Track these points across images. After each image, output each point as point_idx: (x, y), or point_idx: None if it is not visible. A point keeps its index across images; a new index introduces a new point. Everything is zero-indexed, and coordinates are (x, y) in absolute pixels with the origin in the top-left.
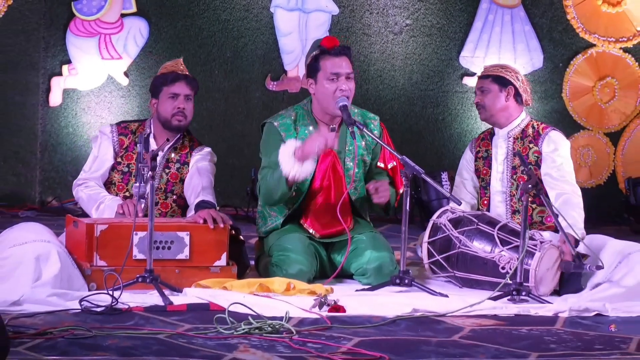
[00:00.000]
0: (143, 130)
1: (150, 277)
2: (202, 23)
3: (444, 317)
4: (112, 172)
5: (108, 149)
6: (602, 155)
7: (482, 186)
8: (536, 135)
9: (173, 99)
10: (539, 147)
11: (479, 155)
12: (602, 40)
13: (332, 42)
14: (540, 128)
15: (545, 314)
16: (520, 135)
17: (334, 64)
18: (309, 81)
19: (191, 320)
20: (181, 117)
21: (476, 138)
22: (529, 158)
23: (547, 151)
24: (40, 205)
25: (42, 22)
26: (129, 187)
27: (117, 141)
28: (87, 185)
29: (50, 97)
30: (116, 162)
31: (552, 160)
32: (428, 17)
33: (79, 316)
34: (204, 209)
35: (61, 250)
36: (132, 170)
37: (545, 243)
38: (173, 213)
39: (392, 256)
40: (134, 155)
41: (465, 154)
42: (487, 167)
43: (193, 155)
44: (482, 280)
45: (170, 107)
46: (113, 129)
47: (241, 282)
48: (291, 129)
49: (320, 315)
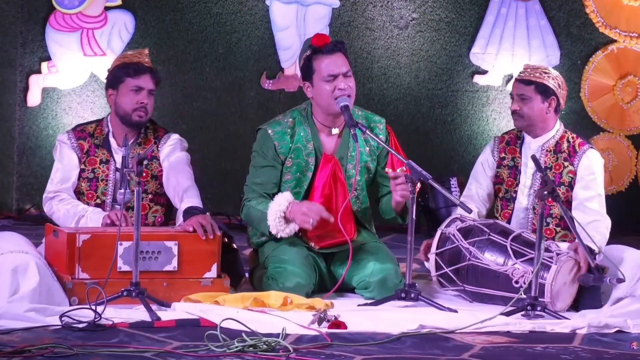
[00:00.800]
0: (101, 130)
1: (137, 290)
2: (192, 17)
3: (453, 333)
4: (79, 181)
5: (71, 157)
6: (623, 159)
7: (505, 198)
8: (572, 151)
9: (135, 92)
10: (575, 167)
11: (504, 163)
12: (623, 36)
13: (322, 39)
14: (577, 144)
15: (562, 330)
16: (554, 148)
17: (328, 64)
18: (305, 84)
19: (180, 338)
20: (143, 112)
21: (499, 139)
22: (562, 177)
23: (583, 174)
24: (17, 214)
25: (20, 15)
26: (99, 193)
27: (77, 147)
28: (61, 198)
29: (28, 96)
30: (80, 169)
31: (587, 186)
32: (436, 10)
33: (60, 333)
34: (192, 216)
35: (40, 262)
36: (98, 175)
37: (561, 255)
38: (155, 213)
39: (397, 268)
40: (97, 159)
41: (484, 156)
42: (513, 178)
43: (161, 148)
44: (494, 295)
45: (132, 102)
46: (70, 135)
47: (234, 296)
48: (286, 138)
49: (320, 332)
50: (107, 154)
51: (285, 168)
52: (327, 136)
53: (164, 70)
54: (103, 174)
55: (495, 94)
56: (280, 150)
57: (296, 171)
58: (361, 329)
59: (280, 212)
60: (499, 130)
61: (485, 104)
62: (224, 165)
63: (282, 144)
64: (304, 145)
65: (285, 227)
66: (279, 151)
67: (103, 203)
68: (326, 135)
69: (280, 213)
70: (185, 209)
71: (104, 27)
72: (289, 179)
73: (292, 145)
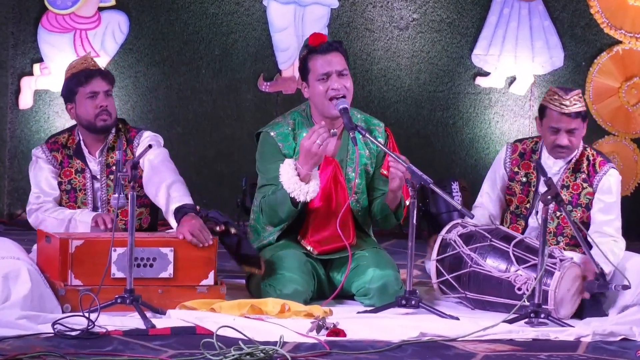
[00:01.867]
0: (74, 139)
1: (131, 297)
2: (187, 17)
3: (454, 341)
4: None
5: (47, 169)
6: (628, 163)
7: (515, 213)
8: (592, 172)
9: (92, 98)
10: (594, 188)
11: (516, 178)
12: (629, 37)
13: (318, 39)
14: (597, 163)
15: (567, 338)
16: (573, 166)
17: (322, 63)
18: (303, 85)
19: (175, 346)
20: (106, 115)
21: (511, 148)
22: (579, 199)
23: (602, 196)
24: (8, 219)
25: (11, 16)
26: (79, 203)
27: (52, 158)
28: (46, 208)
29: (20, 99)
30: (58, 182)
31: (604, 209)
32: (437, 10)
33: (52, 341)
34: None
35: (32, 268)
36: (76, 186)
37: (565, 261)
38: (139, 216)
39: (397, 275)
40: (72, 169)
41: (496, 164)
42: (525, 195)
43: (135, 150)
44: (497, 302)
45: (91, 108)
46: (44, 148)
47: (231, 303)
48: (289, 139)
49: (318, 340)
50: (81, 163)
51: None
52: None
53: (159, 72)
54: (80, 183)
55: (498, 97)
56: (284, 152)
57: None
58: (361, 336)
59: (294, 176)
60: (502, 134)
61: (488, 107)
62: (220, 169)
63: (285, 145)
64: None
65: (306, 187)
66: (283, 152)
67: None
68: None
69: (294, 178)
70: (175, 209)
71: (97, 28)
72: None
73: (296, 148)
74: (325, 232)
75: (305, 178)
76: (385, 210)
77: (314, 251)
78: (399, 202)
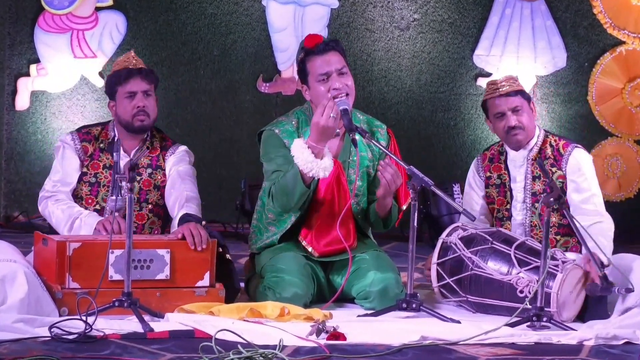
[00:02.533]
0: (107, 134)
1: (129, 300)
2: (186, 17)
3: (456, 345)
4: (79, 184)
5: (73, 159)
6: (632, 165)
7: (498, 217)
8: (557, 155)
9: (130, 98)
10: (563, 170)
11: (490, 182)
12: (632, 37)
13: (314, 40)
14: (560, 146)
15: (569, 342)
16: (538, 155)
17: (321, 63)
18: (303, 87)
19: (174, 349)
20: (143, 116)
21: (481, 157)
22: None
23: (572, 176)
24: (5, 221)
25: (7, 16)
26: (99, 199)
27: (81, 149)
28: (57, 198)
29: (16, 100)
30: (82, 173)
31: (578, 187)
32: (438, 10)
33: (49, 344)
34: (185, 224)
35: (29, 271)
36: (101, 180)
37: (567, 263)
38: (152, 225)
39: (398, 278)
40: (100, 163)
41: (470, 176)
42: (502, 196)
43: (167, 158)
44: (498, 305)
45: (130, 108)
46: (74, 137)
47: (230, 306)
48: (295, 136)
49: (318, 344)
50: (110, 160)
51: None
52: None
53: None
54: (105, 179)
55: None
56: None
57: None
58: (361, 340)
59: (308, 154)
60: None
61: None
62: (219, 172)
63: (291, 142)
64: None
65: (323, 163)
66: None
67: (102, 210)
68: None
69: (309, 157)
70: (180, 216)
71: (94, 28)
72: None
73: None
74: (327, 233)
75: (319, 155)
76: (374, 215)
77: (314, 253)
78: (389, 210)
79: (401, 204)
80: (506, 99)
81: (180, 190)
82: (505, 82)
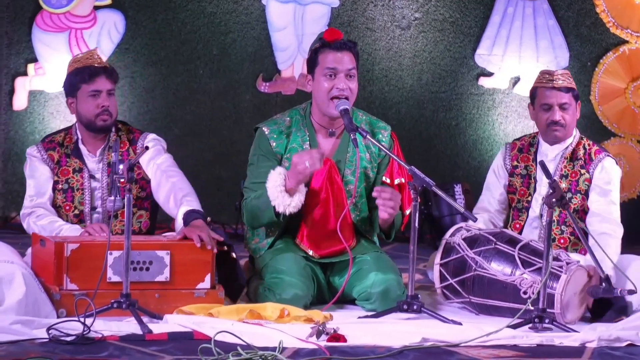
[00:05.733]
0: (71, 138)
1: (127, 302)
2: (185, 16)
3: (457, 347)
4: (54, 193)
5: (43, 169)
6: (635, 165)
7: (517, 208)
8: (588, 159)
9: (94, 97)
10: (591, 174)
11: (516, 172)
12: (635, 36)
13: (334, 34)
14: (593, 151)
15: (571, 344)
16: (570, 155)
17: (332, 59)
18: (308, 77)
19: (173, 351)
20: (106, 116)
21: (510, 146)
22: (578, 185)
23: (599, 183)
24: (2, 222)
25: (5, 15)
26: (76, 203)
27: (48, 158)
28: (38, 214)
29: (14, 99)
30: (54, 182)
31: (602, 194)
32: (439, 9)
33: (47, 346)
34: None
35: (26, 272)
36: (73, 185)
37: (572, 264)
38: (140, 218)
39: (399, 279)
40: (69, 168)
41: (496, 164)
42: (526, 187)
43: (137, 149)
44: (501, 307)
45: (93, 107)
46: (39, 148)
47: (229, 308)
48: (282, 137)
49: (318, 346)
50: (79, 162)
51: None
52: (324, 138)
53: (156, 72)
54: (77, 183)
55: (502, 97)
56: (276, 149)
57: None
58: (361, 342)
59: (280, 186)
60: (505, 135)
61: (491, 108)
62: (218, 172)
63: (277, 143)
64: (300, 146)
65: (290, 200)
66: (274, 150)
67: (82, 213)
68: (324, 136)
69: (280, 188)
70: (186, 212)
71: (93, 27)
72: None
73: (288, 145)
74: (323, 233)
75: (291, 191)
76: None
77: (314, 255)
78: (392, 223)
79: (405, 208)
80: (558, 93)
81: (169, 184)
82: (561, 75)
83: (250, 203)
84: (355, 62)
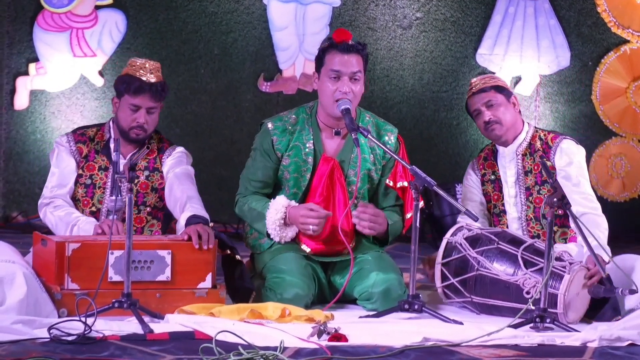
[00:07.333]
0: (102, 135)
1: (128, 301)
2: (186, 16)
3: (458, 347)
4: (75, 187)
5: (69, 161)
6: (636, 164)
7: (495, 213)
8: (546, 147)
9: (133, 110)
10: (552, 161)
11: (485, 179)
12: (637, 36)
13: (342, 35)
14: (549, 138)
15: (572, 343)
16: (528, 150)
17: (339, 61)
18: (314, 75)
19: (174, 351)
20: (140, 131)
21: (476, 158)
22: (543, 176)
23: (561, 165)
24: (3, 221)
25: (6, 15)
26: (94, 201)
27: (76, 150)
28: (56, 205)
29: (15, 99)
30: (78, 175)
31: (567, 176)
32: (441, 9)
33: (48, 346)
34: (192, 225)
35: (28, 272)
36: (96, 182)
37: (574, 264)
38: (151, 227)
39: (400, 279)
40: (95, 165)
41: (468, 176)
42: (498, 191)
43: (164, 160)
44: (503, 306)
45: (130, 119)
46: (69, 138)
47: (230, 307)
48: (285, 135)
49: (319, 345)
50: (106, 161)
51: (284, 166)
52: (329, 137)
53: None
54: (101, 181)
55: None
56: (277, 147)
57: (294, 170)
58: (362, 341)
59: (279, 220)
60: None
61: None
62: (219, 172)
63: (280, 140)
64: (303, 144)
65: (285, 232)
66: (276, 147)
67: (98, 211)
68: (329, 136)
69: (279, 222)
70: (188, 217)
71: (94, 27)
72: (288, 178)
73: (291, 143)
74: (324, 234)
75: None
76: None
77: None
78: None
79: (407, 211)
80: (478, 96)
81: (179, 191)
82: (478, 80)
83: (245, 207)
84: (362, 64)
